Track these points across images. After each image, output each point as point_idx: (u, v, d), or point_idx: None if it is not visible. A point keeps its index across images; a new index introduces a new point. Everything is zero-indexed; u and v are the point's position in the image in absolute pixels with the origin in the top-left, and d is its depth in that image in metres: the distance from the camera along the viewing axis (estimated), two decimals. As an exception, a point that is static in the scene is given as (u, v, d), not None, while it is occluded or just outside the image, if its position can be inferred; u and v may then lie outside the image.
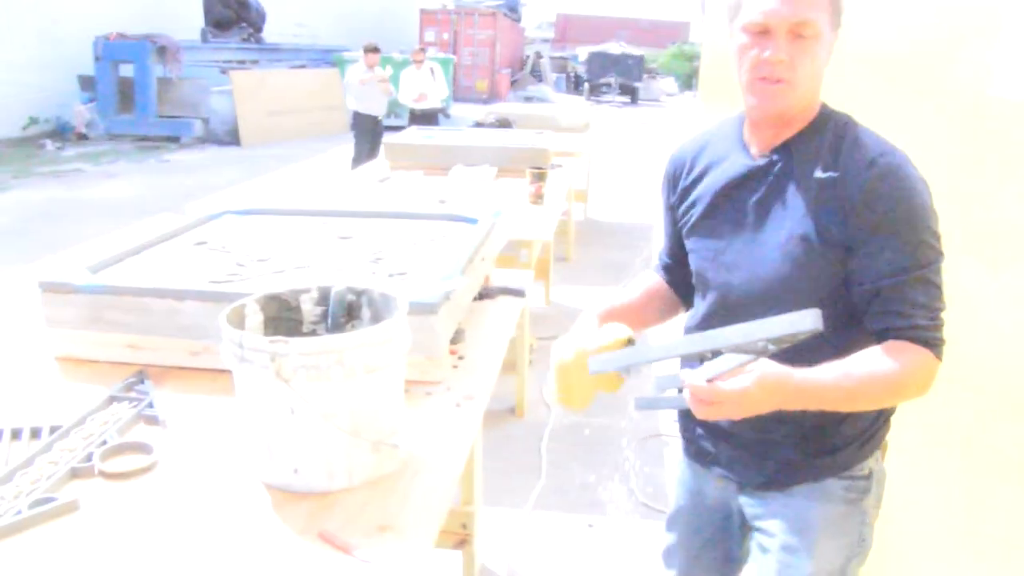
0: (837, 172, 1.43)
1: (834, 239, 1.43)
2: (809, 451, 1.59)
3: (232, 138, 14.52)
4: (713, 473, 1.72)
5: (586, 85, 29.30)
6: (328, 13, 22.81)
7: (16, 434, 1.67)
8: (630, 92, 28.49)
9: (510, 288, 2.72)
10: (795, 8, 1.36)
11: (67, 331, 2.00)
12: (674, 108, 26.67)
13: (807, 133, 1.49)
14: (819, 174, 1.44)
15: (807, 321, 1.15)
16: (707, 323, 1.58)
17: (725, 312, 1.55)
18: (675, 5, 45.53)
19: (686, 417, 1.74)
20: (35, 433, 1.67)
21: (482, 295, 2.61)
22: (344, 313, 1.68)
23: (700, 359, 1.32)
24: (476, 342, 2.25)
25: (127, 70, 14.44)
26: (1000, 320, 1.45)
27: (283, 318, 1.65)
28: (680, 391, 1.32)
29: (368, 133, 9.58)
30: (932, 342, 1.41)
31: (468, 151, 5.34)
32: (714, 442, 1.68)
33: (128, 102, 14.45)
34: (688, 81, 33.04)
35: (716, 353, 1.27)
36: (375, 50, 9.55)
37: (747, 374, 1.28)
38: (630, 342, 1.52)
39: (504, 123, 7.25)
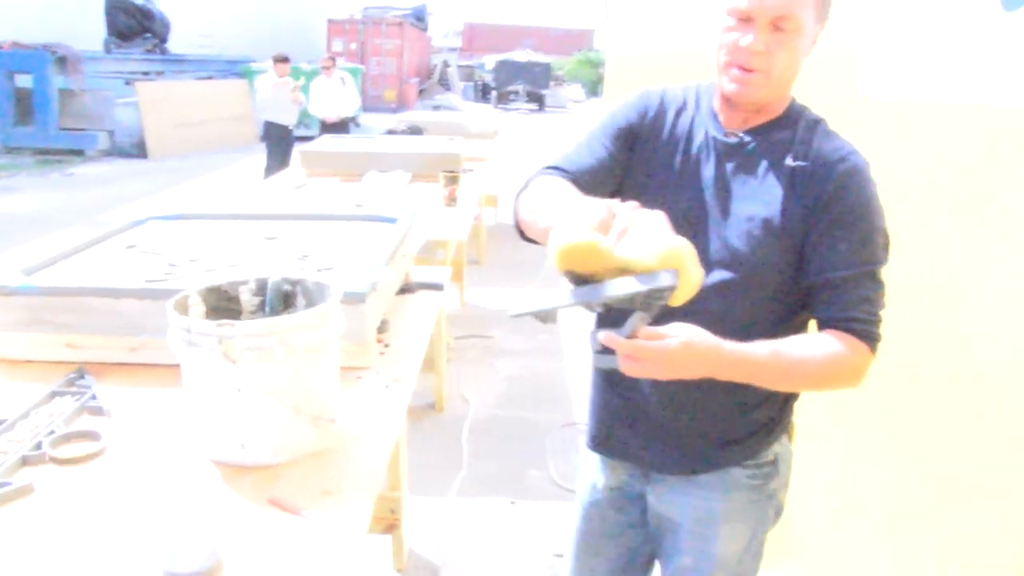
0: (808, 162, 1.48)
1: (795, 226, 1.47)
2: (714, 440, 1.63)
3: (139, 151, 14.31)
4: (618, 460, 1.76)
5: (494, 93, 29.58)
6: (234, 24, 22.62)
7: (-38, 429, 1.74)
8: (537, 99, 28.87)
9: (429, 283, 2.87)
10: (780, 1, 1.39)
11: (3, 333, 2.06)
12: (581, 114, 27.10)
13: (779, 121, 1.53)
14: (790, 162, 1.49)
15: (662, 279, 1.18)
16: None
17: None
18: (580, 13, 46.26)
19: (598, 396, 1.78)
20: (-19, 427, 1.74)
21: (403, 290, 2.75)
22: (281, 302, 1.80)
23: (594, 311, 1.33)
24: (400, 332, 2.39)
25: (24, 80, 14.08)
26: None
27: (223, 308, 1.76)
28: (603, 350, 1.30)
29: (279, 143, 9.62)
30: (869, 336, 1.45)
31: (382, 158, 5.46)
32: (622, 428, 1.72)
33: (26, 114, 14.08)
34: (594, 87, 33.59)
35: (605, 307, 1.28)
36: (284, 60, 9.59)
37: (673, 337, 1.28)
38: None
39: (416, 130, 7.39)
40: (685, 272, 1.19)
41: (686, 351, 1.28)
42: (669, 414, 1.63)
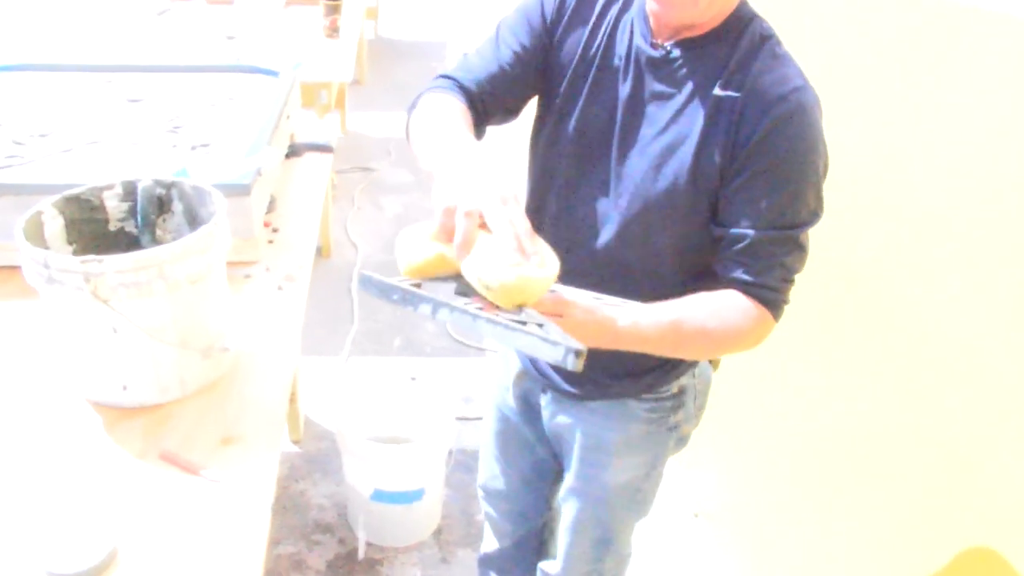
0: (740, 94, 1.21)
1: (711, 168, 1.24)
2: (611, 371, 1.50)
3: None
4: (520, 371, 1.67)
5: None
6: None
7: None
8: None
9: (317, 144, 2.63)
10: None
11: None
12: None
13: (717, 34, 1.26)
14: (719, 91, 1.22)
15: (560, 353, 0.96)
16: (546, 216, 1.42)
17: (567, 215, 1.38)
18: None
19: None
20: None
21: (289, 154, 2.51)
22: (154, 209, 1.57)
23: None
24: (289, 209, 2.18)
25: None
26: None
27: (86, 219, 1.52)
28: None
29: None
30: (775, 303, 1.27)
31: (252, -26, 4.96)
32: None
33: None
34: None
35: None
36: None
37: (566, 318, 1.10)
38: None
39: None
40: (532, 296, 1.03)
41: (576, 327, 1.10)
42: None
